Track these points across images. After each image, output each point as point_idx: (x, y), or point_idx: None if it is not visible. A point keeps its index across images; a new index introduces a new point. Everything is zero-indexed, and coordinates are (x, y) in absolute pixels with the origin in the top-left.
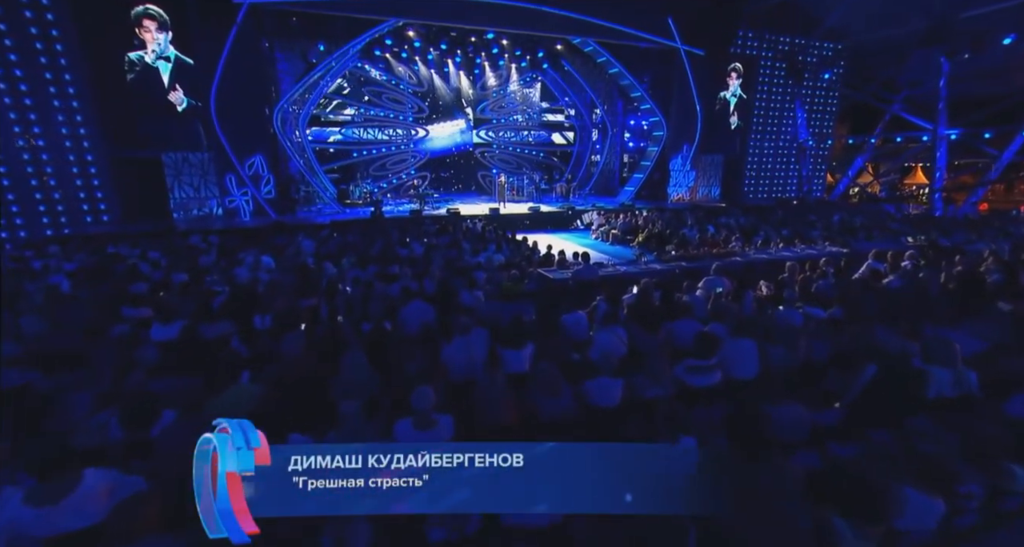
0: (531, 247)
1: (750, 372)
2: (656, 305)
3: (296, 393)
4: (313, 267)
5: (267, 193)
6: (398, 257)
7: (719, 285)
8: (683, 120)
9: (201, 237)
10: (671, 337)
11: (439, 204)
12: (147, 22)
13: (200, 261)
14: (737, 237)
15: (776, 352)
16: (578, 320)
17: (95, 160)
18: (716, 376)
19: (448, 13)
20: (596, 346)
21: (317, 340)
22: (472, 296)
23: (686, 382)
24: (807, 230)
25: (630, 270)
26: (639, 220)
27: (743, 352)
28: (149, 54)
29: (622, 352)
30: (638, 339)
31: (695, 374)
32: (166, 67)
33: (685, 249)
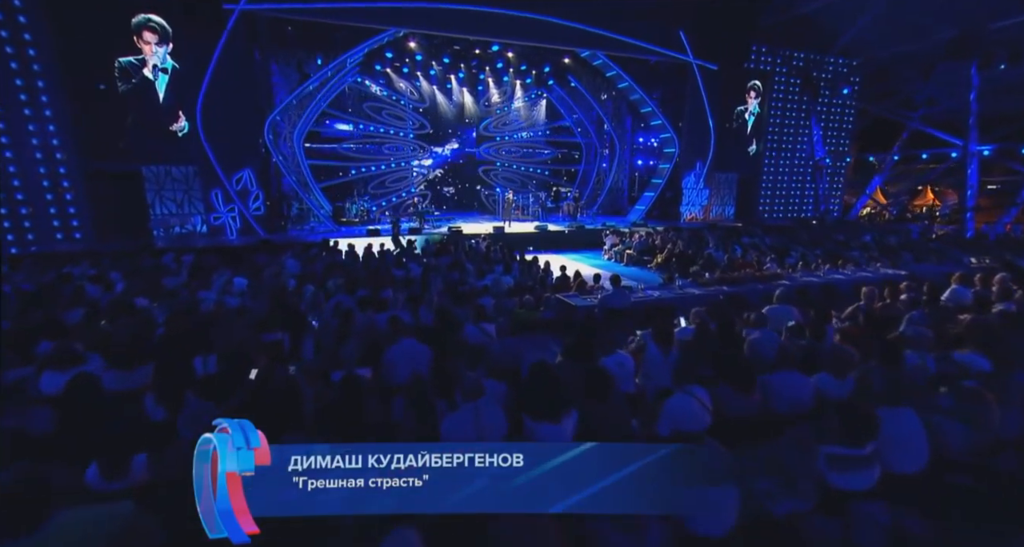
0: (543, 268)
1: (916, 463)
2: (729, 347)
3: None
4: (292, 289)
5: (256, 209)
6: (392, 279)
7: (789, 316)
8: (696, 136)
9: (175, 256)
10: (769, 398)
11: (440, 222)
12: (148, 34)
13: (165, 283)
14: (772, 258)
15: (953, 430)
16: (622, 363)
17: (68, 172)
18: (874, 473)
19: (453, 23)
20: (668, 417)
21: (266, 396)
22: (480, 331)
23: (831, 483)
24: (843, 250)
25: (664, 295)
26: (657, 239)
27: (904, 431)
28: (148, 68)
29: (705, 423)
30: (728, 403)
31: (843, 469)
32: (164, 80)
33: (715, 271)
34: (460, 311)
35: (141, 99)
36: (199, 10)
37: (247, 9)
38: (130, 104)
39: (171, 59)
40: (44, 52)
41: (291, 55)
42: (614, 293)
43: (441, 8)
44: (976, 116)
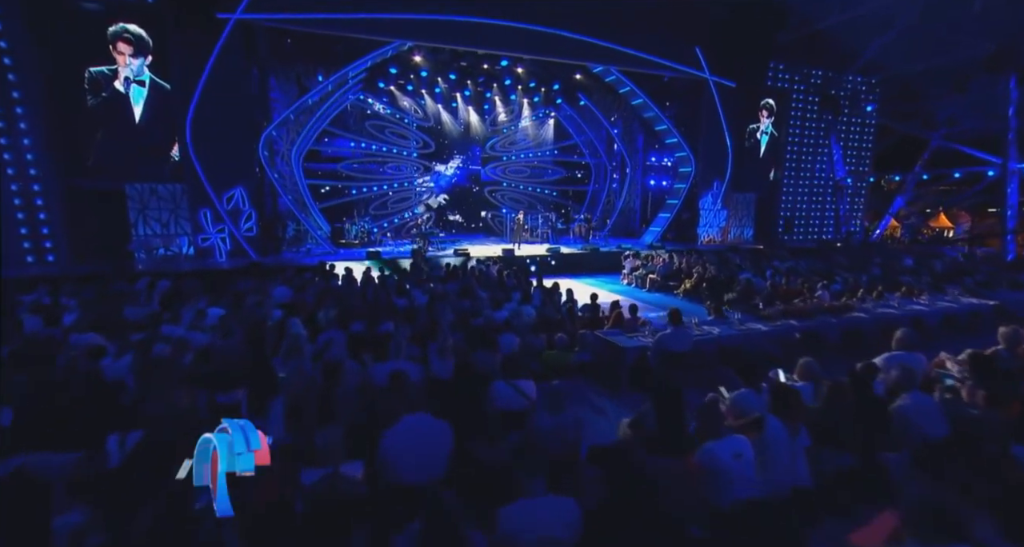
0: (568, 296)
1: None
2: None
3: None
4: (276, 322)
5: (248, 230)
6: (393, 309)
7: (920, 366)
8: (713, 155)
9: (151, 280)
10: None
11: (445, 244)
12: (122, 45)
13: (127, 314)
14: (822, 284)
15: None
16: (739, 452)
17: (43, 190)
18: None
19: (465, 37)
20: None
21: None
22: (515, 391)
23: None
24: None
25: (726, 333)
26: (682, 263)
27: None
28: (120, 80)
29: None
30: None
31: None
32: (140, 92)
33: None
34: (482, 357)
35: (114, 113)
36: (191, 21)
37: (243, 19)
38: (100, 117)
39: (149, 71)
40: (22, 62)
41: (290, 69)
42: (674, 333)
43: (451, 21)
44: (1015, 132)
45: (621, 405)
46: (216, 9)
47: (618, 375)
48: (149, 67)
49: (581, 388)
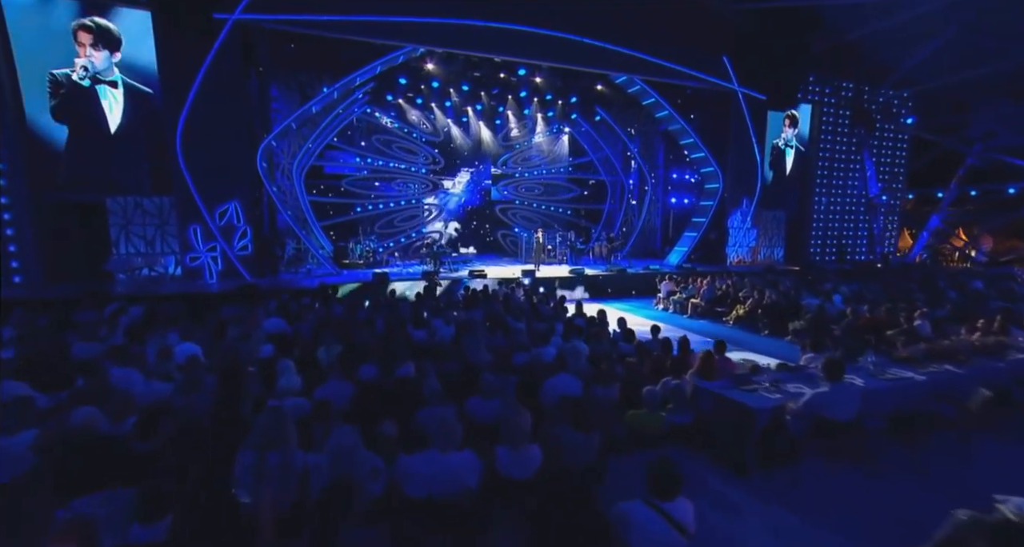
0: (621, 326)
1: None
2: None
3: None
4: (254, 370)
5: (242, 249)
6: (411, 345)
7: None
8: (741, 171)
9: (120, 306)
10: None
11: (457, 265)
12: (82, 35)
13: (75, 351)
14: (922, 312)
15: None
16: None
17: (11, 203)
18: None
19: (485, 42)
20: None
21: None
22: (673, 525)
23: None
24: (976, 305)
25: (875, 387)
26: (729, 287)
27: None
28: (76, 72)
29: None
30: None
31: None
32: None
33: (823, 329)
34: (571, 438)
35: (80, 116)
36: (185, 21)
37: (242, 20)
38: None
39: (120, 73)
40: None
41: (293, 77)
42: (834, 390)
43: (472, 25)
44: None
45: (751, 493)
46: (213, 9)
47: (743, 448)
48: (130, 69)
49: (690, 465)
